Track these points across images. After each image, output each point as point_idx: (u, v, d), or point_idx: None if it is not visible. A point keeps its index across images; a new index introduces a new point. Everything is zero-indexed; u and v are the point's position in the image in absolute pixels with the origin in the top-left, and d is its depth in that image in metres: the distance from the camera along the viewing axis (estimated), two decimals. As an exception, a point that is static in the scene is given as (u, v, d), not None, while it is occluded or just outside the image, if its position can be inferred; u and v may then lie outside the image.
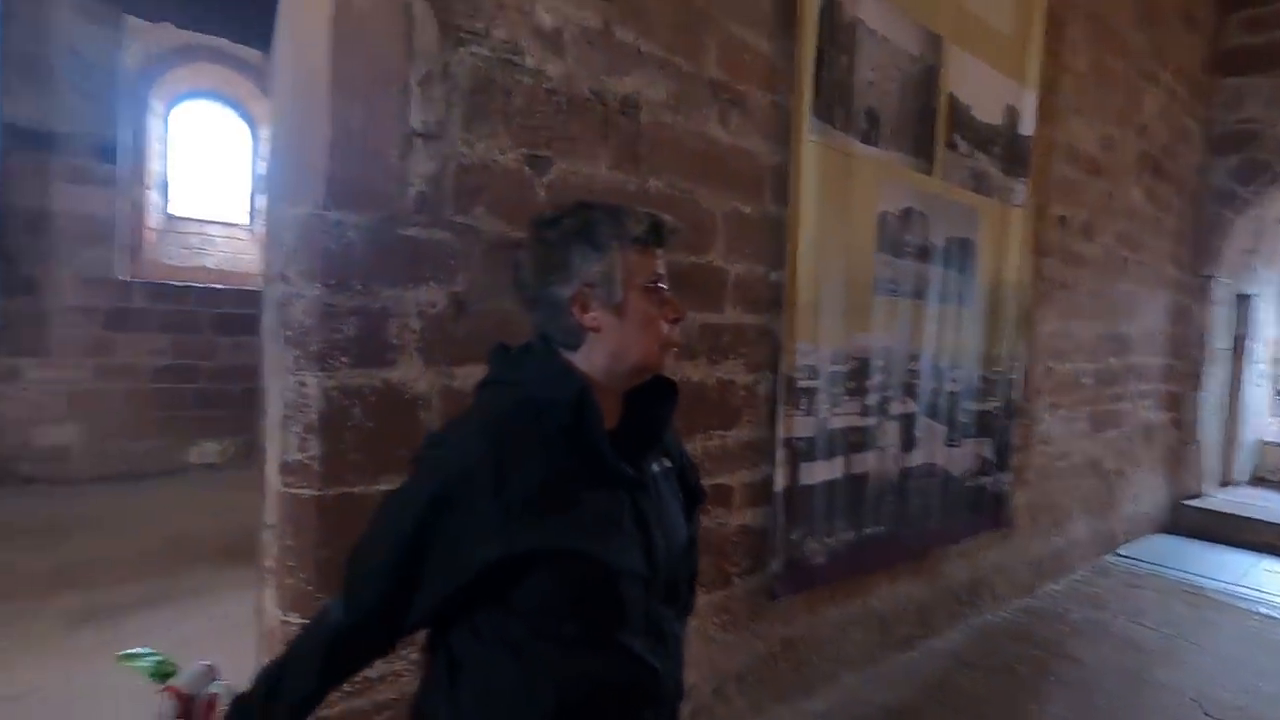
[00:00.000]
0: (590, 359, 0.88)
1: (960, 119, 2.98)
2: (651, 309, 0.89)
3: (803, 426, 2.45)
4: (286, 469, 1.52)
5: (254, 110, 7.03)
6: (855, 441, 2.65)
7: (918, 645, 3.13)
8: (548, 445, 0.82)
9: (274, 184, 1.65)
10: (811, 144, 2.38)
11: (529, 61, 1.77)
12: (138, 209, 6.00)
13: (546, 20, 1.79)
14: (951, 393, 3.10)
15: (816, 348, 2.47)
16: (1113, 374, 4.55)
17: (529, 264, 0.90)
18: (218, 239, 6.93)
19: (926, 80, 2.80)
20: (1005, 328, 3.36)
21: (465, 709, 0.82)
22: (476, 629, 0.82)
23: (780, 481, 2.39)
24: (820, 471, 2.53)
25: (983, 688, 2.87)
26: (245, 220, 7.11)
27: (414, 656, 1.64)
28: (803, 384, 2.44)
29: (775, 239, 2.37)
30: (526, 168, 1.78)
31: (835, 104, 2.45)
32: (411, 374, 1.62)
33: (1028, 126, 3.33)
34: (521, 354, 0.91)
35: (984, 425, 3.31)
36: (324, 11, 1.48)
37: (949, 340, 3.04)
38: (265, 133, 7.02)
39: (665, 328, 0.90)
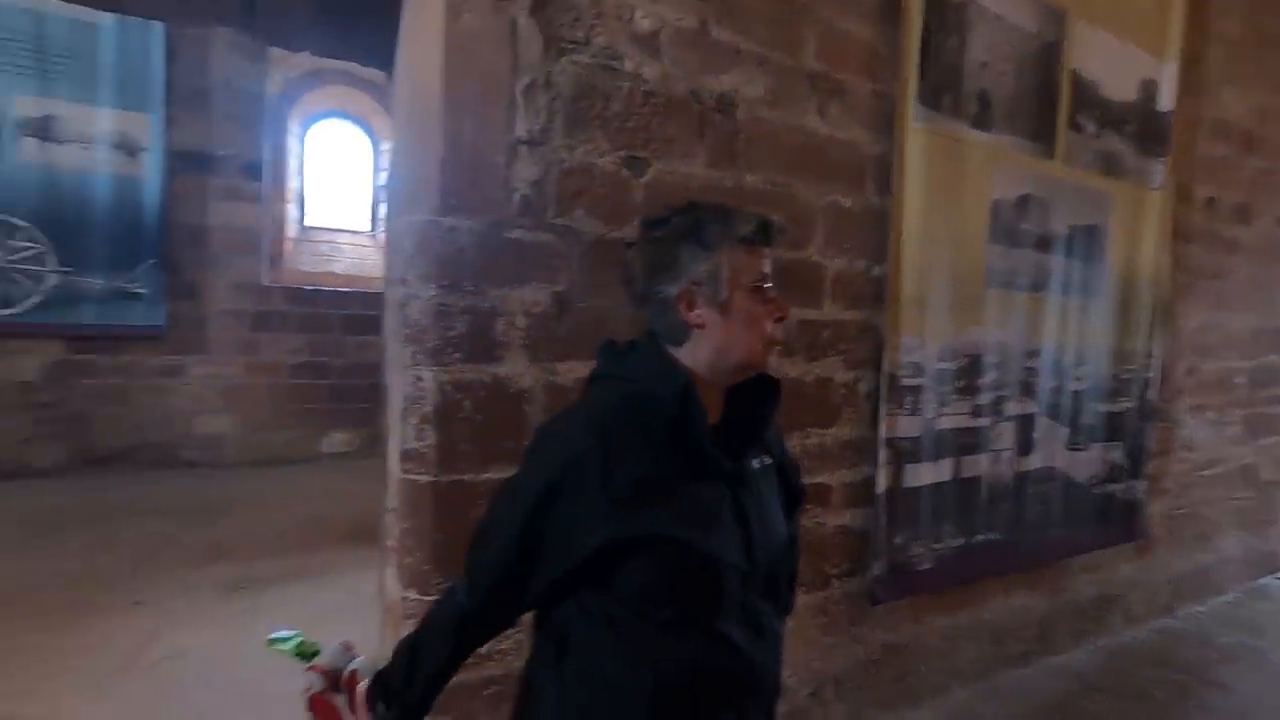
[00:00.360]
0: (695, 355, 0.91)
1: (1086, 97, 2.76)
2: (756, 308, 0.90)
3: (907, 426, 2.36)
4: (406, 456, 1.65)
5: (375, 125, 7.57)
6: (966, 443, 2.52)
7: (1035, 662, 2.93)
8: (653, 438, 0.86)
9: (394, 194, 1.80)
10: (917, 131, 2.29)
11: (627, 66, 1.82)
12: (278, 221, 6.62)
13: (644, 24, 1.83)
14: (1076, 392, 2.88)
15: (923, 344, 2.38)
16: (1273, 372, 4.05)
17: (638, 262, 0.93)
18: (344, 246, 7.52)
19: (1046, 58, 2.61)
20: (1140, 321, 3.08)
21: (570, 685, 0.87)
22: (584, 609, 0.87)
23: (883, 483, 2.32)
24: (926, 473, 2.43)
25: (1111, 712, 2.65)
26: (368, 228, 7.68)
27: (519, 636, 1.73)
28: (907, 382, 2.35)
29: (877, 232, 2.30)
30: (624, 169, 1.84)
31: (943, 89, 2.34)
32: (517, 369, 1.71)
33: (1167, 101, 3.03)
34: (629, 349, 0.95)
35: (1114, 428, 3.04)
36: (437, 32, 1.60)
37: (1073, 335, 2.83)
38: (385, 145, 7.55)
39: (770, 326, 0.92)
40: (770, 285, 0.93)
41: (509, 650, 1.72)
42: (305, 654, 1.04)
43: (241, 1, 1.78)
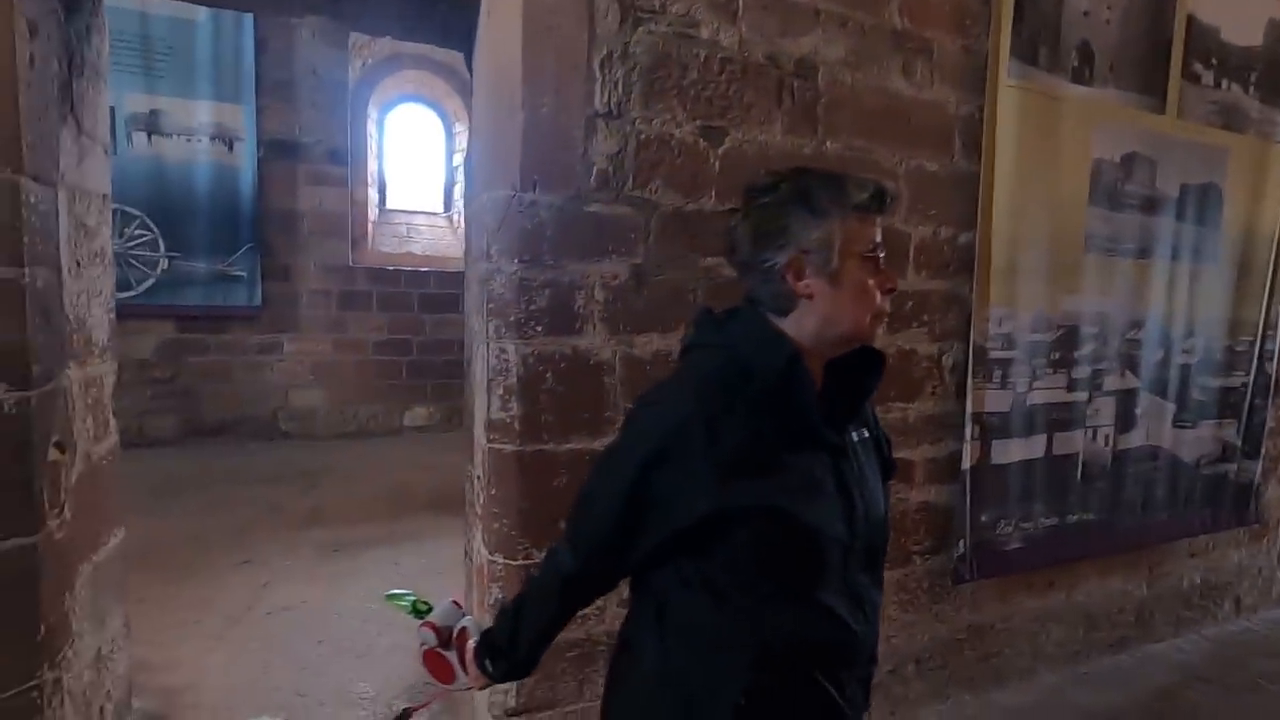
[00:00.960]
0: (800, 325, 0.89)
1: (1203, 44, 2.52)
2: (867, 278, 0.88)
3: (995, 400, 2.26)
4: (491, 427, 1.71)
5: (448, 107, 7.74)
6: (1059, 418, 2.40)
7: (1132, 649, 2.79)
8: (756, 407, 0.85)
9: (476, 171, 1.84)
10: (1010, 89, 2.16)
11: (704, 33, 1.79)
12: (359, 204, 6.90)
13: (720, -11, 1.80)
14: (1184, 365, 2.68)
15: (1013, 314, 2.26)
16: None
17: (744, 229, 0.91)
18: (421, 227, 7.77)
19: (1158, 2, 2.40)
20: (1259, 289, 2.83)
21: (671, 648, 0.89)
22: (682, 575, 0.88)
23: (969, 459, 2.24)
24: (1016, 450, 2.32)
25: (1218, 704, 2.49)
26: (442, 209, 7.90)
27: (600, 603, 1.78)
28: (996, 354, 2.25)
29: (965, 197, 2.19)
30: (701, 140, 1.81)
31: (1040, 42, 2.20)
32: (596, 342, 1.73)
33: (1300, 43, 2.73)
34: (729, 318, 0.94)
35: (1227, 404, 2.82)
36: (516, 7, 1.61)
37: (1181, 304, 2.63)
38: (458, 128, 7.72)
39: (878, 298, 0.89)
40: (883, 255, 0.91)
41: (589, 615, 1.78)
42: (419, 611, 1.12)
43: (328, -11, 1.86)
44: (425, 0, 2.06)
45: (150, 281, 5.22)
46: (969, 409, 2.22)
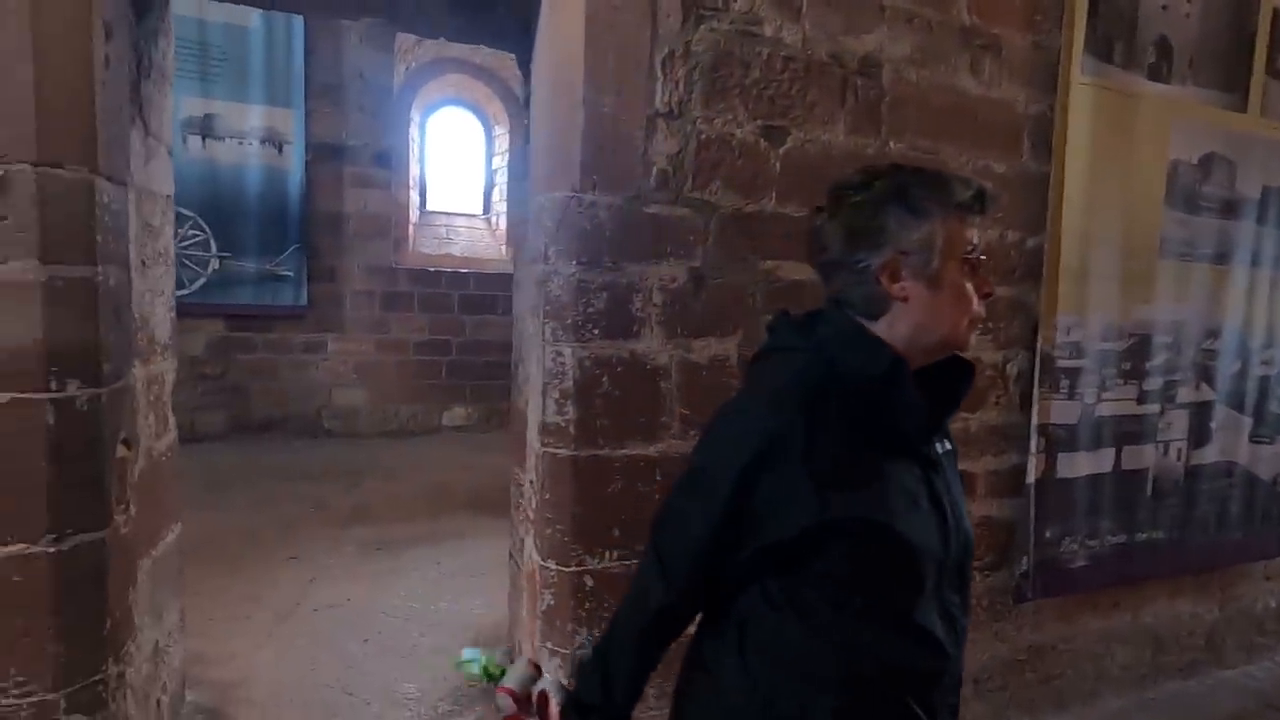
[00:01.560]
0: (892, 330, 0.85)
1: (1290, 37, 2.39)
2: (965, 282, 0.84)
3: (1063, 412, 2.17)
4: (545, 430, 1.69)
5: (489, 111, 7.81)
6: (1129, 431, 2.29)
7: (1201, 674, 2.65)
8: (851, 415, 0.81)
9: (534, 171, 1.82)
10: (1083, 87, 2.07)
11: (767, 31, 1.75)
12: (400, 206, 7.00)
13: (784, -15, 1.75)
14: (1262, 377, 2.55)
15: (1083, 322, 2.17)
16: None
17: (835, 228, 0.86)
18: (460, 229, 7.85)
19: (1242, -6, 2.28)
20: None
21: (754, 669, 0.84)
22: (767, 593, 0.84)
23: (1034, 472, 2.15)
24: (1083, 464, 2.22)
25: (1299, 737, 2.35)
26: (480, 211, 7.97)
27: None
28: (1064, 363, 2.16)
29: (1033, 199, 2.11)
30: (762, 140, 1.77)
31: (1115, 37, 2.10)
32: (654, 346, 1.70)
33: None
34: (813, 321, 0.90)
35: (1310, 419, 2.67)
36: (579, 7, 1.59)
37: (1262, 313, 2.50)
38: (498, 131, 7.79)
39: (976, 303, 0.85)
40: (984, 257, 0.86)
41: (643, 624, 1.74)
42: (491, 675, 1.06)
43: (385, -9, 1.87)
44: (481, 1, 2.06)
45: (202, 281, 5.36)
46: (1034, 420, 2.13)
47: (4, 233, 1.27)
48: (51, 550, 1.32)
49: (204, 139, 5.32)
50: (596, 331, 1.65)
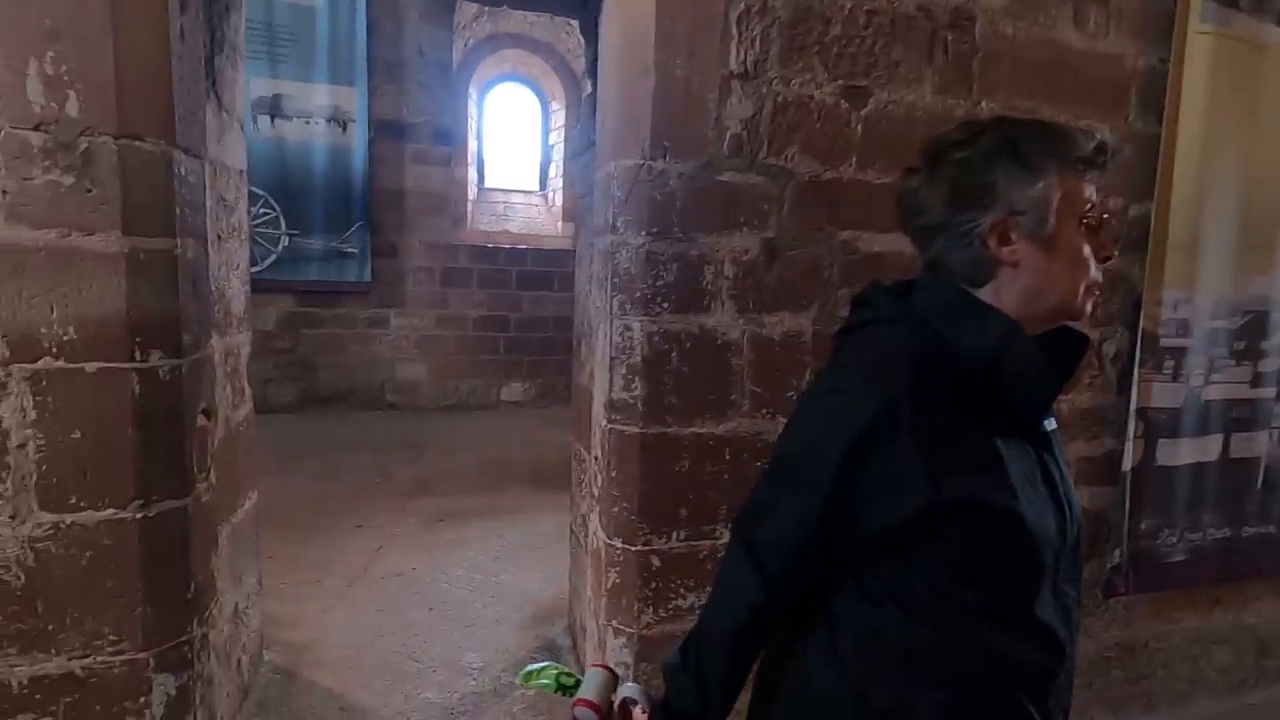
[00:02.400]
0: (999, 297, 0.78)
1: None
2: (1083, 244, 0.76)
3: (1165, 394, 2.00)
4: (612, 406, 1.65)
5: (545, 86, 7.77)
6: (1240, 417, 2.10)
7: (1310, 681, 2.45)
8: (958, 389, 0.74)
9: (601, 140, 1.76)
10: (1203, 36, 1.87)
11: (850, -18, 1.63)
12: (459, 183, 7.06)
13: (870, -68, 1.63)
14: (1397, 361, 2.29)
15: (1190, 298, 1.99)
16: None
17: (937, 188, 0.79)
18: (517, 205, 7.88)
19: (1395, -74, 2.01)
20: None
21: (849, 666, 0.78)
22: (863, 584, 0.77)
23: (1131, 459, 1.99)
24: (1186, 451, 2.06)
25: None
26: (537, 187, 7.97)
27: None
28: (1168, 342, 1.99)
29: (1140, 163, 1.93)
30: (843, 101, 1.66)
31: (1242, -21, 1.89)
32: (724, 320, 1.63)
33: None
34: (911, 290, 0.83)
35: None
36: (651, -38, 1.51)
37: (1400, 289, 2.24)
38: (555, 106, 7.74)
39: (1093, 268, 0.77)
40: (1106, 217, 0.78)
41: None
42: (565, 686, 0.94)
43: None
44: (544, -35, 2.00)
45: (273, 258, 5.53)
46: (1134, 403, 1.98)
47: (89, 204, 1.29)
48: (139, 516, 1.36)
49: (273, 119, 5.46)
50: (666, 305, 1.59)
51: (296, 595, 2.74)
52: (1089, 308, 0.79)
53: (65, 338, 1.30)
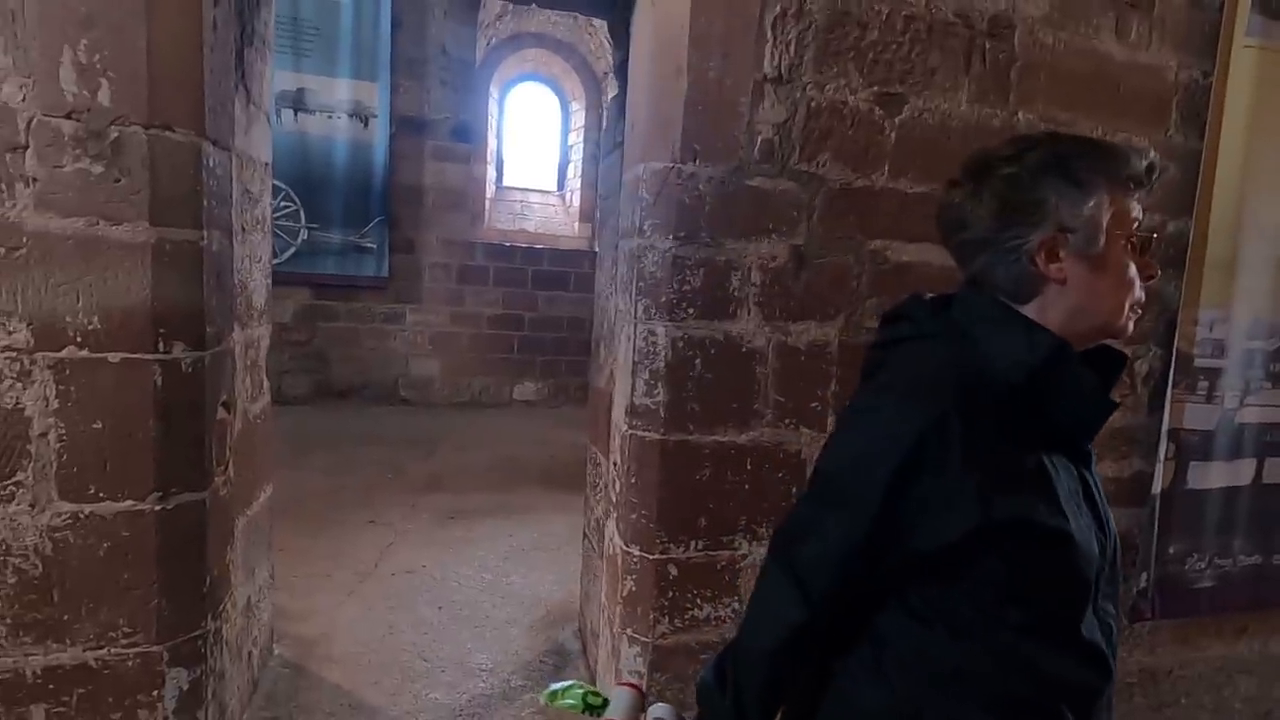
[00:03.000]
0: (1043, 315, 0.77)
1: None
2: (1130, 263, 0.76)
3: (1198, 416, 1.95)
4: (633, 411, 1.63)
5: (565, 86, 7.77)
6: (1275, 441, 2.05)
7: (1338, 714, 2.39)
8: (1004, 406, 0.73)
9: (630, 141, 1.74)
10: (1248, 49, 1.82)
11: (888, -13, 1.60)
12: (478, 181, 7.07)
13: (910, -63, 1.60)
14: None
15: (1227, 317, 1.94)
16: None
17: (983, 202, 0.77)
18: (534, 204, 7.88)
19: None
20: None
21: (896, 687, 0.76)
22: (909, 604, 0.75)
23: (1160, 481, 1.95)
24: (1217, 475, 2.01)
25: None
26: (555, 187, 7.97)
27: (736, 605, 1.67)
28: (1203, 362, 1.94)
29: (1180, 178, 1.88)
30: (877, 108, 1.63)
31: (1290, -8, 1.84)
32: (750, 328, 1.61)
33: None
34: (951, 304, 0.82)
35: None
36: (687, -38, 1.49)
37: None
38: (575, 106, 7.74)
39: (1138, 287, 0.77)
40: (1154, 236, 0.78)
41: (725, 618, 1.67)
42: (592, 706, 0.92)
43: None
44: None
45: (292, 250, 5.56)
46: (1165, 424, 1.93)
47: (118, 194, 1.29)
48: (157, 508, 1.36)
49: (295, 112, 5.48)
50: (691, 310, 1.56)
51: (307, 589, 2.73)
52: (1131, 327, 0.79)
53: (90, 327, 1.30)
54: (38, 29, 1.23)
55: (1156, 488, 1.95)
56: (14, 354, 1.27)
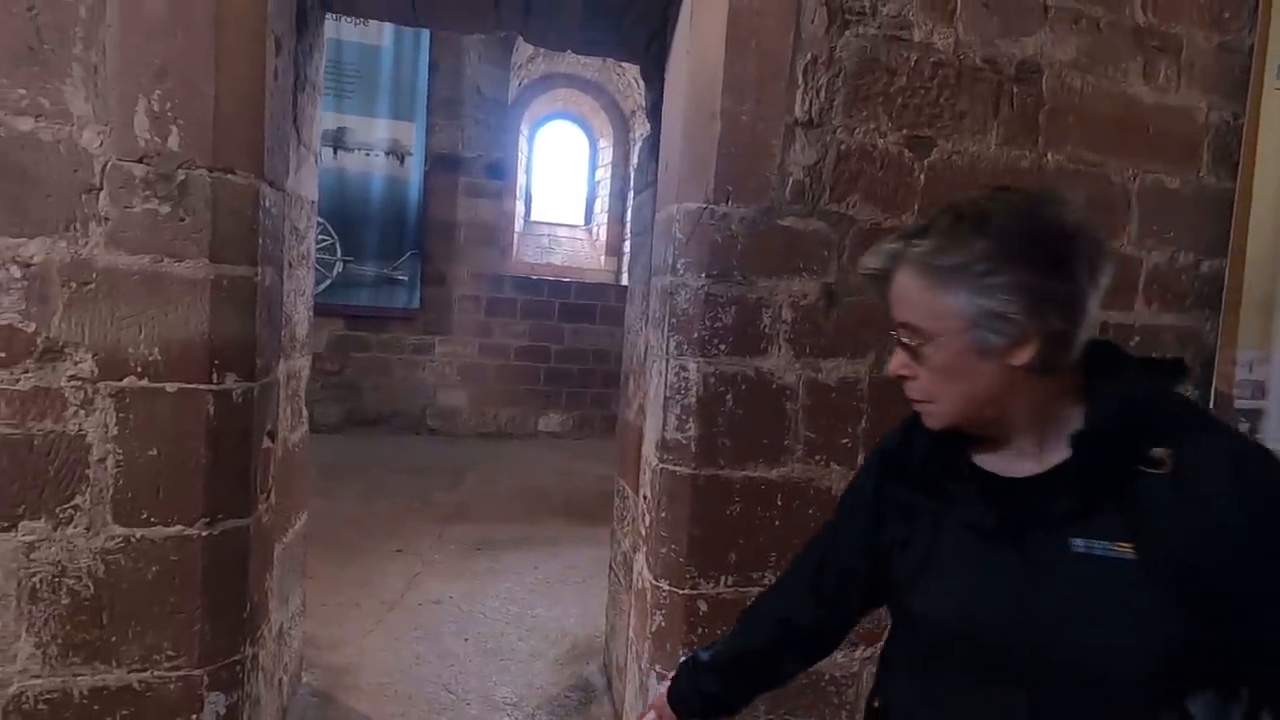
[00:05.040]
0: None
1: None
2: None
3: (1239, 458, 1.91)
4: (664, 446, 1.65)
5: (594, 123, 7.97)
6: (1321, 485, 1.99)
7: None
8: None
9: (664, 182, 1.79)
10: (1278, 93, 1.83)
11: (916, 35, 1.65)
12: (508, 216, 7.24)
13: (937, -13, 1.65)
14: None
15: (1267, 358, 1.91)
16: None
17: None
18: (561, 239, 8.03)
19: None
20: None
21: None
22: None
23: (1202, 524, 1.90)
24: (1262, 518, 1.95)
25: None
26: (582, 221, 8.12)
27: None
28: (1243, 404, 1.91)
29: (1213, 218, 1.88)
30: (906, 151, 1.67)
31: (1321, 36, 1.85)
32: (780, 364, 1.63)
33: None
34: None
35: None
36: (721, 12, 1.55)
37: None
38: (603, 143, 7.93)
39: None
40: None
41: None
42: None
43: (522, 5, 1.93)
44: (610, 14, 2.06)
45: (327, 283, 5.72)
46: (1205, 466, 1.89)
47: (182, 232, 1.36)
48: (204, 534, 1.40)
49: (335, 150, 5.69)
50: (723, 347, 1.59)
51: (336, 617, 2.76)
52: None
53: (150, 358, 1.36)
54: (116, 80, 1.33)
55: (1198, 531, 1.90)
56: (80, 383, 1.34)
